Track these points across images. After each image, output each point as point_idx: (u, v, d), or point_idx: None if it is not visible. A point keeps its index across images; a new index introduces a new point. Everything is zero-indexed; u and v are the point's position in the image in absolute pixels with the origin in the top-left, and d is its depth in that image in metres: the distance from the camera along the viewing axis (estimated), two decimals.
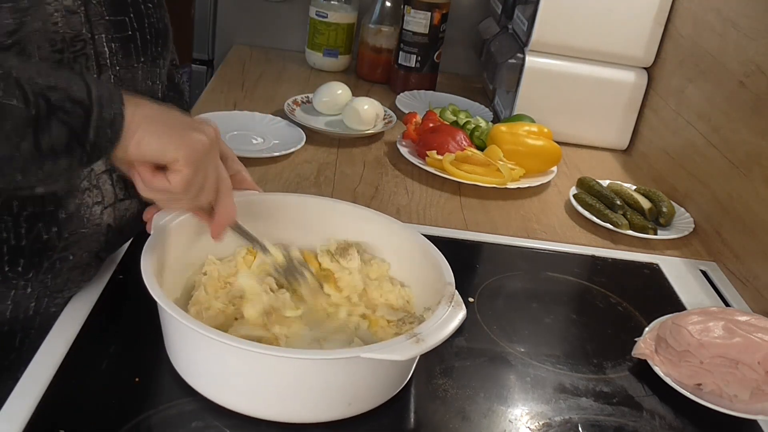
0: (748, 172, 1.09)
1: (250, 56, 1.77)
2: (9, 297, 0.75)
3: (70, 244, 0.77)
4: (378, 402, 0.72)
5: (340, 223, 0.87)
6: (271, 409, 0.69)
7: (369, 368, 0.69)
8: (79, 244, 0.79)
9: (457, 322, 0.70)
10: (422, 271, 0.82)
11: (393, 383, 0.74)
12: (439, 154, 1.27)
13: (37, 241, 0.75)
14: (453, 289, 0.74)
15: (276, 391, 0.68)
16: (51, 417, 0.67)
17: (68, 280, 0.80)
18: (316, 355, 0.69)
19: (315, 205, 0.89)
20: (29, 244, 0.74)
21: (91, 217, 0.79)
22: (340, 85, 1.47)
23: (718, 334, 0.82)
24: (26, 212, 0.73)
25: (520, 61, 1.44)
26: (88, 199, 0.79)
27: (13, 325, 0.77)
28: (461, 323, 0.70)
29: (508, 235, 1.13)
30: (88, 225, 0.79)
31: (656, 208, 1.21)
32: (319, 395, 0.69)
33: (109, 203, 0.82)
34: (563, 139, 1.45)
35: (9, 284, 0.75)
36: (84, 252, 0.80)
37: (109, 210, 0.82)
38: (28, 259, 0.75)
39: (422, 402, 0.75)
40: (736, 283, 1.07)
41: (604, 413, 0.78)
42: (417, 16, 1.61)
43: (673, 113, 1.36)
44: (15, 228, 0.73)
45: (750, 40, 1.13)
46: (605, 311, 0.97)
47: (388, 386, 0.73)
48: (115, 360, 0.75)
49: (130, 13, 0.79)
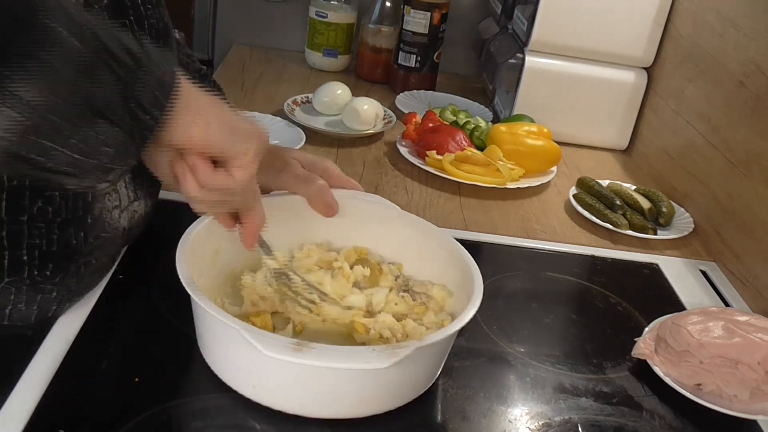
0: (747, 172, 1.09)
1: (250, 56, 1.77)
2: (36, 301, 0.74)
3: (94, 248, 0.77)
4: (412, 397, 0.74)
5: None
6: (305, 407, 0.70)
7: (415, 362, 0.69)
8: (101, 249, 0.79)
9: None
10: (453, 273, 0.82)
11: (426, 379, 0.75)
12: (438, 154, 1.27)
13: (66, 247, 0.74)
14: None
15: (314, 389, 0.69)
16: (51, 417, 0.67)
17: (88, 284, 0.80)
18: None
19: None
20: (59, 249, 0.73)
21: (111, 221, 0.79)
22: (339, 85, 1.47)
23: (718, 334, 0.82)
24: (60, 218, 0.72)
25: (520, 61, 1.44)
26: (108, 203, 0.78)
27: (35, 329, 0.76)
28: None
29: (507, 235, 1.13)
30: (109, 229, 0.79)
31: (656, 208, 1.21)
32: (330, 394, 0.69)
33: (125, 206, 0.81)
34: (563, 139, 1.45)
35: (37, 288, 0.74)
36: (105, 256, 0.80)
37: (124, 213, 0.81)
38: (56, 263, 0.74)
39: (422, 402, 0.75)
40: (736, 283, 1.07)
41: (603, 413, 0.78)
42: (417, 16, 1.61)
43: (673, 113, 1.36)
44: (48, 234, 0.72)
45: (750, 40, 1.13)
46: (605, 311, 0.97)
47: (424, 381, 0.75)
48: (115, 360, 0.75)
49: (130, 16, 0.77)
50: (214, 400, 0.72)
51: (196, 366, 0.75)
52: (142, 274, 0.87)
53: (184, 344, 0.78)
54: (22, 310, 0.74)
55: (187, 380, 0.73)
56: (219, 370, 0.72)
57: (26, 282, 0.72)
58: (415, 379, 0.73)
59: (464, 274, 0.79)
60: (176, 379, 0.73)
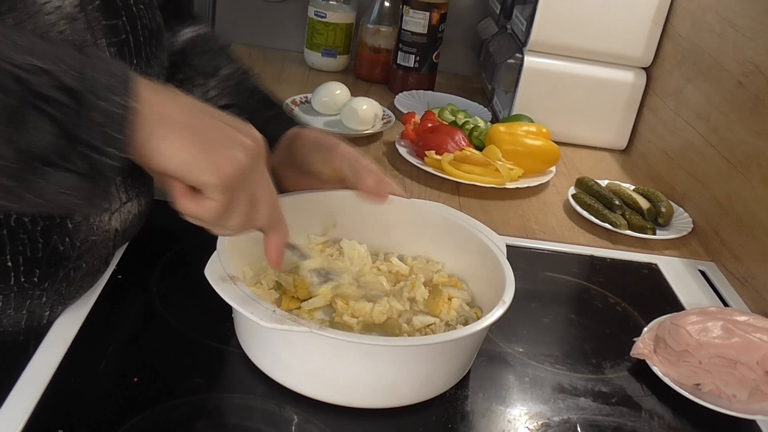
0: (746, 172, 1.09)
1: (249, 56, 1.77)
2: (25, 306, 0.74)
3: (83, 252, 0.76)
4: (443, 389, 0.76)
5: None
6: (337, 395, 0.71)
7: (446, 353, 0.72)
8: (91, 252, 0.78)
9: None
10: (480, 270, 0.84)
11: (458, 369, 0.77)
12: (437, 154, 1.27)
13: (54, 253, 0.73)
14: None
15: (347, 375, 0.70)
16: (51, 417, 0.67)
17: (80, 287, 0.80)
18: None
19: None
20: (45, 255, 0.72)
21: (101, 225, 0.78)
22: (338, 85, 1.47)
23: (717, 334, 0.82)
24: (39, 227, 0.71)
25: (519, 61, 1.44)
26: None
27: (27, 334, 0.76)
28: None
29: (506, 235, 1.12)
30: (98, 232, 0.78)
31: (655, 208, 1.21)
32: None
33: (116, 208, 0.81)
34: (562, 139, 1.45)
35: (25, 294, 0.73)
36: (95, 259, 0.79)
37: (116, 215, 0.81)
38: (44, 269, 0.73)
39: (422, 402, 0.75)
40: (735, 283, 1.07)
41: (602, 413, 0.78)
42: (416, 16, 1.61)
43: (672, 113, 1.36)
44: (31, 243, 0.71)
45: (748, 40, 1.13)
46: (604, 311, 0.97)
47: (457, 371, 0.77)
48: (114, 360, 0.75)
49: (122, 16, 0.75)
50: (213, 401, 0.72)
51: (195, 366, 0.75)
52: (141, 274, 0.87)
53: (183, 344, 0.78)
54: (11, 316, 0.74)
55: (186, 381, 0.73)
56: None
57: (13, 289, 0.72)
58: (436, 375, 0.74)
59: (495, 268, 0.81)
60: (175, 380, 0.73)
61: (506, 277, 0.77)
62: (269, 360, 0.73)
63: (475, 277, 0.86)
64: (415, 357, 0.71)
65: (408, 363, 0.70)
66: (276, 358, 0.72)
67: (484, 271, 0.83)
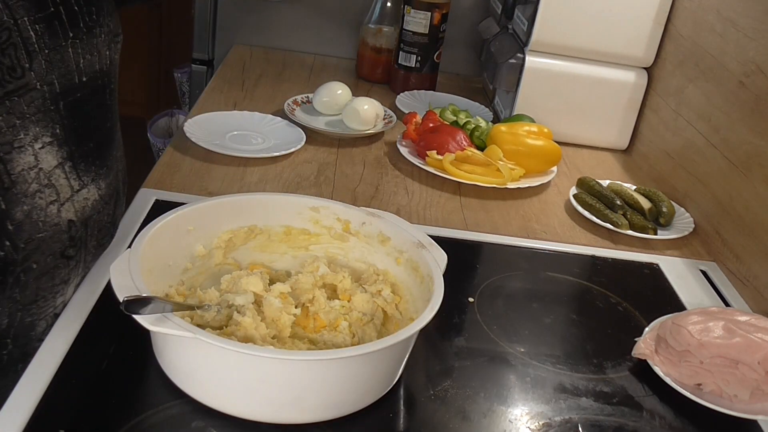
0: (747, 172, 1.09)
1: (250, 56, 1.77)
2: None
3: (30, 253, 0.72)
4: (370, 401, 0.72)
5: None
6: (265, 412, 0.69)
7: (362, 367, 0.69)
8: (40, 250, 0.74)
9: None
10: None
11: (384, 381, 0.74)
12: (439, 154, 1.27)
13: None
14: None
15: (272, 393, 0.68)
16: (51, 417, 0.67)
17: (38, 289, 0.76)
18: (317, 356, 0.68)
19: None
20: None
21: (47, 219, 0.73)
22: (340, 85, 1.47)
23: (718, 334, 0.82)
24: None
25: (520, 61, 1.44)
26: (40, 201, 0.72)
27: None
28: None
29: (508, 235, 1.13)
30: (45, 228, 0.73)
31: (656, 208, 1.21)
32: (314, 395, 0.68)
33: (66, 198, 0.75)
34: (563, 139, 1.45)
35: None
36: (47, 256, 0.75)
37: (67, 205, 0.76)
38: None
39: (422, 402, 0.75)
40: (736, 283, 1.07)
41: (604, 413, 0.78)
42: (417, 16, 1.61)
43: (673, 113, 1.36)
44: None
45: (750, 39, 1.13)
46: (605, 311, 0.97)
47: (382, 383, 0.73)
48: (115, 360, 0.75)
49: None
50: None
51: None
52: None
53: None
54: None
55: None
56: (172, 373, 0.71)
57: None
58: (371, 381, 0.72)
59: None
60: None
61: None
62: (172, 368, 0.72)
63: None
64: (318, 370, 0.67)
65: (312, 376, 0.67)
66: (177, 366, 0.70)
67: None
